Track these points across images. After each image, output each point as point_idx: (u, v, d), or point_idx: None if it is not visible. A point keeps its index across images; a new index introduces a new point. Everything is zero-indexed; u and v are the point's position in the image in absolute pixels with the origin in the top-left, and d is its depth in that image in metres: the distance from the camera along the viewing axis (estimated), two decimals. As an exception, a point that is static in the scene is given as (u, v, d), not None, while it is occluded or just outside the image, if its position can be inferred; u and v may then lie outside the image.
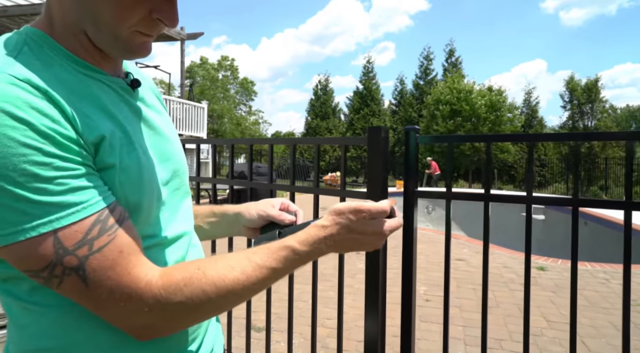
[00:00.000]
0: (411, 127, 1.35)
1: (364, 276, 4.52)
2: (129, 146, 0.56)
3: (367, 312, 1.38)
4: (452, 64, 31.68)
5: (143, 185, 0.57)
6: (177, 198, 0.68)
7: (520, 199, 1.26)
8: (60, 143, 0.48)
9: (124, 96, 0.62)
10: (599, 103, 27.01)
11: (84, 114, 0.52)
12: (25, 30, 0.56)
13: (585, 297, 3.89)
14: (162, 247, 0.62)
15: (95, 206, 0.49)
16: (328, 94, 35.56)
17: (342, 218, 0.63)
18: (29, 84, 0.48)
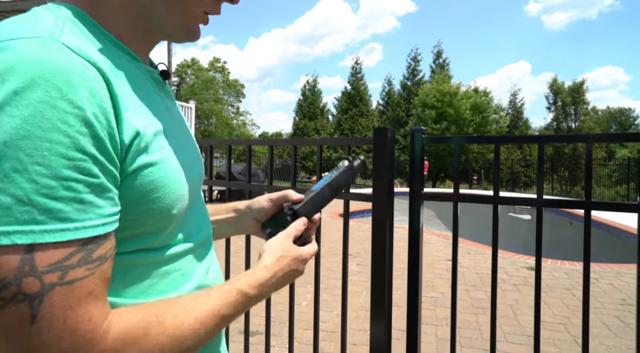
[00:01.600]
0: (417, 128, 1.32)
1: (357, 278, 4.49)
2: (162, 142, 0.52)
3: (373, 314, 1.35)
4: (439, 65, 31.98)
5: (178, 185, 0.53)
6: (200, 200, 0.67)
7: (529, 202, 1.24)
8: (99, 139, 0.41)
9: (156, 87, 0.58)
10: (582, 105, 27.57)
11: (131, 104, 0.47)
12: (61, 5, 0.49)
13: (576, 296, 3.93)
14: (190, 253, 0.59)
15: (91, 230, 0.41)
16: (316, 95, 35.56)
17: (283, 251, 0.64)
18: (85, 58, 0.42)
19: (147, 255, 0.52)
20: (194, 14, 0.55)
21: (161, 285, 0.54)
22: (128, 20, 0.53)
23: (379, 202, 1.29)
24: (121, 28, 0.53)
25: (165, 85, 0.62)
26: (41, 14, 0.46)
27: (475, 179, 23.64)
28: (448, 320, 3.40)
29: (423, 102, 26.55)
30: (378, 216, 1.30)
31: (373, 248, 1.36)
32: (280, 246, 0.65)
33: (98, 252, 0.42)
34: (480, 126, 25.92)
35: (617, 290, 4.17)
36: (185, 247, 0.58)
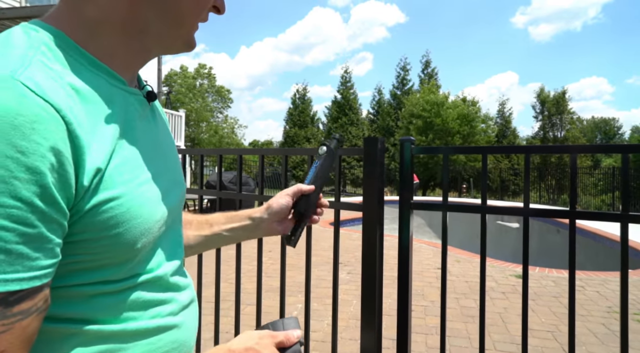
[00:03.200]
0: (406, 138, 1.34)
1: (347, 287, 4.48)
2: (128, 174, 0.49)
3: (363, 323, 1.35)
4: (428, 74, 32.38)
5: (145, 221, 0.51)
6: (177, 225, 0.64)
7: (516, 211, 1.27)
8: (44, 186, 0.39)
9: (139, 111, 0.56)
10: (567, 114, 28.12)
11: (97, 139, 0.46)
12: (39, 26, 0.48)
13: (564, 304, 3.98)
14: (161, 280, 0.57)
15: (13, 284, 0.38)
16: (306, 103, 35.70)
17: (256, 345, 0.58)
18: (44, 98, 0.40)
19: (111, 286, 0.50)
20: (193, 25, 0.56)
21: (131, 312, 0.52)
22: (126, 37, 0.52)
23: (369, 211, 1.30)
24: (113, 47, 0.52)
25: (151, 106, 0.60)
26: (15, 41, 0.45)
27: (464, 188, 23.85)
28: (438, 329, 3.41)
29: (410, 113, 26.82)
30: (368, 225, 1.31)
31: (363, 258, 1.37)
32: (258, 341, 0.59)
33: (20, 306, 0.39)
34: (468, 136, 26.25)
35: (603, 298, 4.23)
36: (155, 274, 0.56)
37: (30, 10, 8.32)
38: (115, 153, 0.48)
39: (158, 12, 0.52)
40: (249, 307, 3.83)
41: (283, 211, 0.81)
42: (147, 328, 0.54)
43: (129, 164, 0.49)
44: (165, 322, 0.56)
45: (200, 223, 0.82)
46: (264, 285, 2.94)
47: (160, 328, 0.55)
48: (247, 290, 4.20)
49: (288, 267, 5.23)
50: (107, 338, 0.49)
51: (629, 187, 1.13)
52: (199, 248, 0.83)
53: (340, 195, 1.46)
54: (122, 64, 0.53)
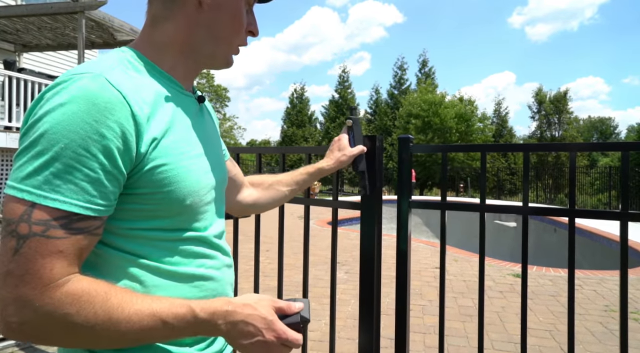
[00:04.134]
0: (405, 137, 1.33)
1: (345, 286, 4.47)
2: (179, 149, 0.65)
3: (361, 323, 1.34)
4: (425, 74, 32.39)
5: (192, 184, 0.66)
6: (221, 203, 0.79)
7: (515, 210, 1.26)
8: (108, 148, 0.56)
9: (193, 108, 0.73)
10: (565, 114, 28.17)
11: (157, 122, 0.62)
12: (127, 48, 0.68)
13: (561, 303, 3.98)
14: (203, 240, 0.71)
15: (77, 208, 0.54)
16: (304, 103, 35.66)
17: (255, 303, 0.63)
18: (118, 89, 0.58)
19: (167, 234, 0.65)
20: (234, 47, 0.74)
21: (181, 257, 0.67)
22: (181, 56, 0.71)
23: (367, 209, 1.29)
24: (174, 62, 0.70)
25: (201, 106, 0.77)
26: (110, 56, 0.65)
27: (462, 187, 23.87)
28: (436, 328, 3.40)
29: (408, 112, 26.80)
30: (366, 224, 1.30)
31: (361, 257, 1.36)
32: (257, 300, 0.64)
33: (79, 224, 0.55)
34: (465, 135, 26.26)
35: (601, 297, 4.24)
36: (198, 234, 0.69)
37: (26, 9, 8.28)
38: (170, 132, 0.64)
39: (207, 37, 0.70)
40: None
41: (333, 169, 1.13)
42: (194, 274, 0.68)
43: (181, 142, 0.66)
44: (209, 273, 0.70)
45: (271, 184, 1.07)
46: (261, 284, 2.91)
47: (204, 276, 0.69)
48: (245, 290, 4.18)
49: (286, 267, 5.21)
50: (161, 273, 0.65)
51: (627, 185, 1.12)
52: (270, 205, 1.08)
53: (338, 194, 1.45)
54: (181, 74, 0.72)
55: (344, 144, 1.16)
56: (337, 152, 1.15)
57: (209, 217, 0.73)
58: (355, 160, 1.17)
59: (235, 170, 0.98)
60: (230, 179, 0.93)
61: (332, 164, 1.13)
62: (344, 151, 1.14)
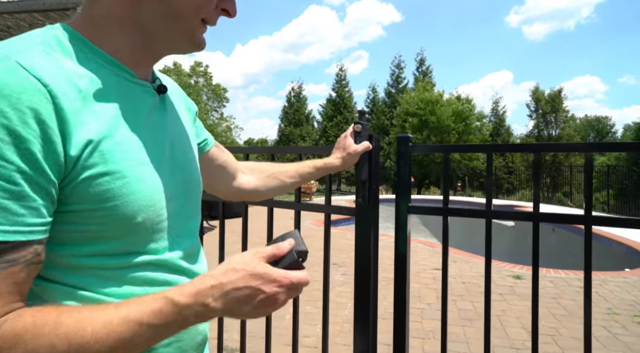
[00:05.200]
0: (404, 136, 1.22)
1: (342, 289, 4.36)
2: (126, 153, 0.53)
3: (356, 328, 1.23)
4: (422, 72, 32.31)
5: (145, 197, 0.54)
6: (191, 214, 0.66)
7: (525, 216, 1.15)
8: (26, 150, 0.44)
9: (146, 101, 0.60)
10: (562, 113, 28.14)
11: (90, 117, 0.50)
12: (57, 25, 0.55)
13: (563, 306, 3.89)
14: (165, 264, 0.59)
15: (1, 235, 0.43)
16: (301, 101, 35.55)
17: (238, 265, 0.53)
18: (34, 75, 0.46)
19: (113, 261, 0.54)
20: (195, 24, 0.58)
21: (134, 287, 0.55)
22: (124, 35, 0.56)
23: (362, 216, 1.18)
24: (117, 43, 0.56)
25: (161, 99, 0.63)
26: (31, 35, 0.52)
27: (459, 186, 23.84)
28: (435, 333, 3.30)
29: (405, 111, 26.71)
30: (361, 231, 1.19)
31: (356, 264, 1.26)
32: (240, 260, 0.54)
33: (9, 255, 0.44)
34: (463, 134, 26.20)
35: (603, 299, 4.15)
36: (156, 258, 0.58)
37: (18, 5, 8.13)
38: (114, 131, 0.52)
39: (156, 11, 0.55)
40: (240, 310, 3.70)
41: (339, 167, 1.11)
42: None
43: (129, 144, 0.53)
44: None
45: (273, 173, 1.01)
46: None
47: None
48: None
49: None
50: None
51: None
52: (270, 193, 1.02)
53: (336, 193, 1.34)
54: (130, 59, 0.57)
55: (349, 142, 1.13)
56: (342, 150, 1.12)
57: (171, 235, 0.60)
58: (358, 167, 1.16)
59: (223, 157, 0.90)
60: (219, 166, 0.87)
61: (339, 161, 1.11)
62: (349, 149, 1.12)
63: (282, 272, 0.54)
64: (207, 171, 0.85)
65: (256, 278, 0.52)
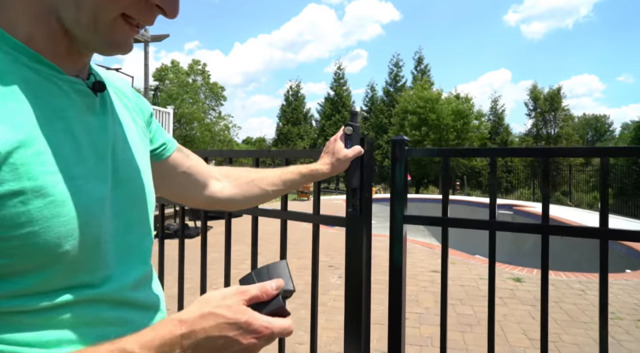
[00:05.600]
0: (399, 138, 1.11)
1: (338, 292, 4.25)
2: (48, 166, 0.43)
3: (347, 335, 1.13)
4: (421, 71, 32.21)
5: (69, 218, 0.44)
6: (132, 236, 0.55)
7: (533, 228, 1.05)
8: None
9: (77, 101, 0.49)
10: (561, 111, 28.06)
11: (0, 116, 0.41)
12: None
13: (565, 310, 3.78)
14: (101, 303, 0.48)
15: None
16: (299, 100, 35.44)
17: (218, 309, 0.45)
18: None
19: (35, 302, 0.43)
20: (108, 18, 0.46)
21: (66, 332, 0.45)
22: (35, 20, 0.46)
23: (354, 227, 1.07)
24: (29, 29, 0.46)
25: (95, 99, 0.52)
26: None
27: (457, 185, 23.76)
28: (434, 340, 3.19)
29: (404, 109, 26.61)
30: (353, 244, 1.08)
31: (347, 278, 1.15)
32: (219, 303, 0.46)
33: None
34: (462, 132, 26.12)
35: (605, 303, 4.05)
36: (100, 291, 0.48)
37: None
38: (33, 140, 0.42)
39: None
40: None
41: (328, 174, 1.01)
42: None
43: (54, 154, 0.44)
44: None
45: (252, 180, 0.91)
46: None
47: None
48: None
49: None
50: None
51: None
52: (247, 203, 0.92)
53: (334, 193, 1.24)
54: (51, 50, 0.47)
55: (339, 146, 1.03)
56: (332, 155, 1.02)
57: (113, 262, 0.51)
58: (349, 173, 1.05)
59: (188, 162, 0.79)
60: (184, 174, 0.77)
61: (327, 167, 1.01)
62: (339, 155, 1.01)
63: (265, 321, 0.47)
64: (171, 180, 0.75)
65: (235, 328, 0.45)
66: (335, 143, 1.03)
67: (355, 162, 1.03)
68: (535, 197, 20.47)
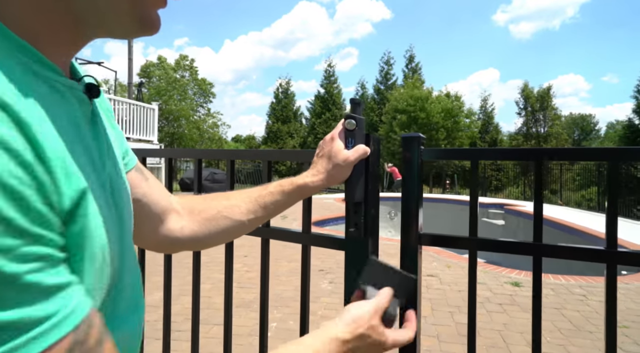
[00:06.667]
0: (413, 135, 0.86)
1: (329, 299, 3.97)
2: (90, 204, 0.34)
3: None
4: (412, 69, 32.12)
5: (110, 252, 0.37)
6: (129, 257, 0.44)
7: (525, 249, 0.81)
8: (34, 209, 0.27)
9: (77, 109, 0.39)
10: (550, 110, 28.17)
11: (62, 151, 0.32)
12: None
13: (568, 318, 3.59)
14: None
15: (73, 318, 0.28)
16: (289, 98, 35.12)
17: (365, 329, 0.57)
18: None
19: None
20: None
21: None
22: (49, 11, 0.35)
23: (355, 251, 0.83)
24: (38, 24, 0.35)
25: (90, 107, 0.42)
26: None
27: (448, 184, 23.71)
28: (432, 352, 2.97)
29: (394, 108, 26.49)
30: (355, 268, 0.84)
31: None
32: (365, 321, 0.57)
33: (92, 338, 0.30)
34: (452, 131, 26.07)
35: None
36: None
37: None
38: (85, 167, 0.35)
39: None
40: (215, 327, 3.33)
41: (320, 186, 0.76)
42: None
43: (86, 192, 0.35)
44: None
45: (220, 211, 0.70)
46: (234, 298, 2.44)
47: None
48: (215, 306, 3.68)
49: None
50: None
51: None
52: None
53: (335, 191, 0.98)
54: (52, 46, 0.36)
55: (337, 147, 0.76)
56: (327, 160, 0.75)
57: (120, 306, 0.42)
58: (350, 183, 0.78)
59: (145, 188, 0.61)
60: (137, 202, 0.58)
61: (321, 178, 0.75)
62: (338, 158, 0.74)
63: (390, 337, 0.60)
64: None
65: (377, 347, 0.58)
66: (332, 143, 0.77)
67: (358, 167, 0.77)
68: (525, 195, 20.48)
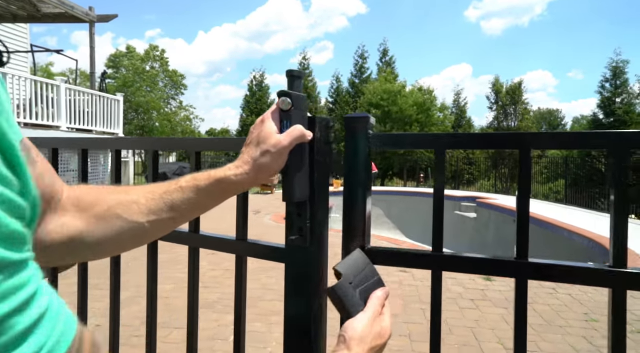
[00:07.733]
0: (359, 115, 0.68)
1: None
2: None
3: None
4: (385, 63, 32.13)
5: None
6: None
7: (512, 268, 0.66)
8: None
9: None
10: (521, 104, 28.78)
11: None
12: None
13: (538, 313, 3.55)
14: None
15: None
16: (263, 90, 34.60)
17: (373, 345, 0.55)
18: None
19: None
20: None
21: None
22: None
23: (295, 263, 0.65)
24: None
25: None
26: None
27: (422, 177, 23.93)
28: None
29: (369, 101, 26.47)
30: (295, 289, 0.66)
31: (286, 339, 0.74)
32: (371, 336, 0.55)
33: None
34: (425, 125, 26.28)
35: (577, 302, 3.87)
36: None
37: None
38: None
39: None
40: (175, 331, 3.11)
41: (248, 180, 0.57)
42: None
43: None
44: None
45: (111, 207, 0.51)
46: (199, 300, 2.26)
47: None
48: (176, 308, 3.45)
49: (227, 274, 4.51)
50: None
51: None
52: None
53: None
54: None
55: (267, 130, 0.59)
56: (255, 147, 0.58)
57: None
58: (287, 175, 0.61)
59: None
60: None
61: (246, 170, 0.57)
62: (267, 144, 0.57)
63: (389, 328, 0.60)
64: None
65: (384, 345, 0.58)
66: (262, 125, 0.60)
67: (296, 156, 0.60)
68: (496, 188, 20.88)
